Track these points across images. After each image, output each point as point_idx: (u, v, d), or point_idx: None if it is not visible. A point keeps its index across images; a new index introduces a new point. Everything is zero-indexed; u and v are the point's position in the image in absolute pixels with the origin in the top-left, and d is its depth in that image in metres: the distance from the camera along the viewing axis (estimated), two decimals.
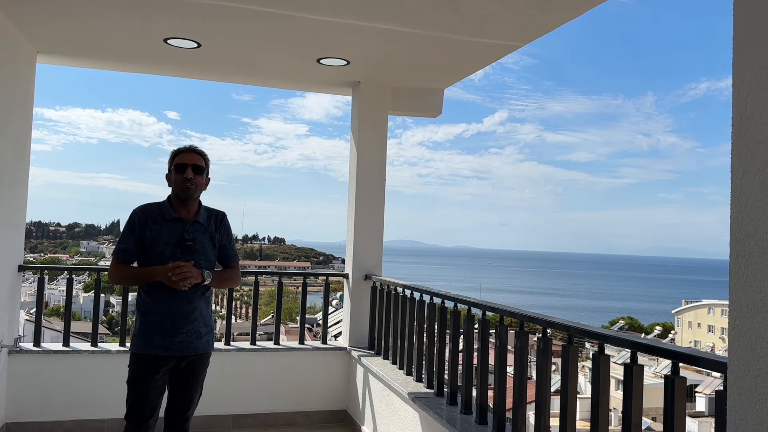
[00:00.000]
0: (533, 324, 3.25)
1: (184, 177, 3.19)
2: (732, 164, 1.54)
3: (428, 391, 4.31)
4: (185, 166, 3.20)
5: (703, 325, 58.33)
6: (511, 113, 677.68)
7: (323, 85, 5.99)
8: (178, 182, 3.21)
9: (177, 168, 3.22)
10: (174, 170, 3.23)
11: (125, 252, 3.22)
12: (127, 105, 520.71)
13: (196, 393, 3.31)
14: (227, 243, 3.41)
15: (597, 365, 2.67)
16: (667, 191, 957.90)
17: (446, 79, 5.70)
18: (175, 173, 3.22)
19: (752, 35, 1.50)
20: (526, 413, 3.29)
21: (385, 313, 5.27)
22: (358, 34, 4.47)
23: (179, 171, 3.21)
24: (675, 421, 2.24)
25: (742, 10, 1.53)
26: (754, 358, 1.46)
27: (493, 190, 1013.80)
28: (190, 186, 3.20)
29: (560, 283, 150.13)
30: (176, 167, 3.23)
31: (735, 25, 1.55)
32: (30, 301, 27.51)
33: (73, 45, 4.98)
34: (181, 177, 3.20)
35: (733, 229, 1.52)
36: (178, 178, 3.21)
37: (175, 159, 3.27)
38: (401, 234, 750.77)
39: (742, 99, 1.53)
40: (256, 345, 5.62)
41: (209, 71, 5.69)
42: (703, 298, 64.62)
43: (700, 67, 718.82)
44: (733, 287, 1.52)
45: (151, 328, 3.14)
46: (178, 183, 3.21)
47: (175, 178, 3.22)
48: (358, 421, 5.32)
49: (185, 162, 3.22)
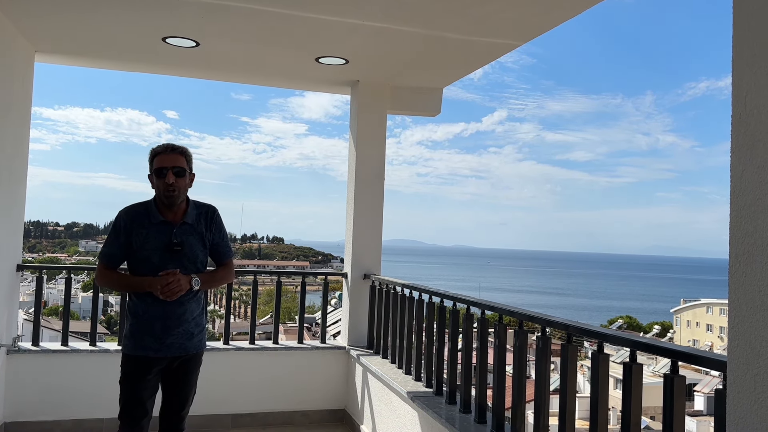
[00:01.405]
0: (532, 323, 3.25)
1: (165, 183, 3.04)
2: (731, 163, 1.54)
3: (427, 390, 4.31)
4: (165, 170, 3.03)
5: (701, 324, 58.39)
6: (510, 112, 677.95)
7: (322, 84, 5.98)
8: (161, 188, 3.06)
9: (157, 173, 3.06)
10: (154, 175, 3.08)
11: (111, 257, 3.15)
12: (126, 104, 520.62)
13: (191, 392, 3.29)
14: (219, 240, 3.29)
15: (596, 364, 2.67)
16: (665, 190, 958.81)
17: (445, 78, 5.70)
18: (156, 178, 3.07)
19: (752, 33, 1.50)
20: (525, 412, 3.30)
21: (384, 312, 5.26)
22: (357, 33, 4.46)
23: (159, 176, 3.05)
24: (674, 419, 2.24)
25: (741, 8, 1.53)
26: (754, 356, 1.45)
27: (492, 190, 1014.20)
28: (173, 191, 3.06)
29: (559, 283, 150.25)
30: (156, 172, 3.06)
31: (735, 23, 1.55)
32: (28, 300, 27.45)
33: (71, 44, 4.97)
34: (162, 182, 3.04)
35: (733, 228, 1.52)
36: (159, 184, 3.06)
37: (153, 161, 3.09)
38: (400, 233, 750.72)
39: (742, 97, 1.53)
40: (255, 344, 5.61)
41: (208, 70, 5.69)
42: (701, 297, 64.69)
43: (700, 66, 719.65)
44: (733, 286, 1.52)
45: (142, 330, 3.09)
46: (161, 189, 3.06)
47: (156, 183, 3.08)
48: (357, 420, 5.32)
49: (164, 165, 3.04)
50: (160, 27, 4.45)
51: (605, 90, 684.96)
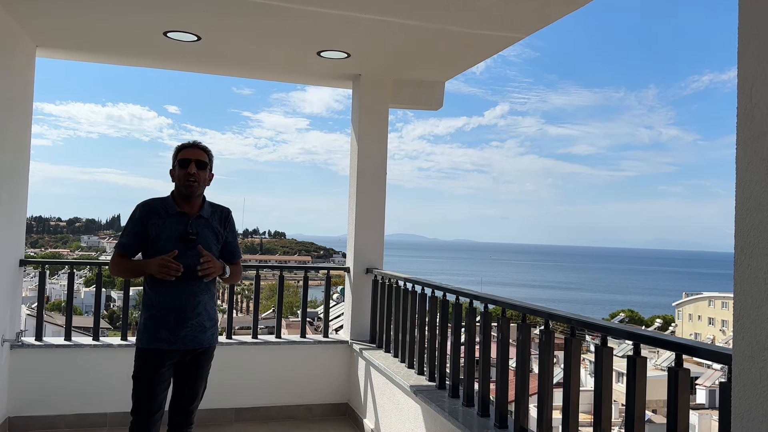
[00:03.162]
0: (535, 317, 3.25)
1: (187, 172, 3.19)
2: (737, 155, 1.53)
3: (430, 383, 4.31)
4: (188, 161, 3.20)
5: (703, 317, 58.40)
6: (513, 106, 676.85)
7: (324, 78, 5.97)
8: (182, 178, 3.20)
9: (180, 163, 3.22)
10: (177, 166, 3.23)
11: (126, 246, 3.23)
12: (127, 99, 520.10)
13: (201, 386, 3.32)
14: (232, 239, 3.42)
15: (600, 357, 2.67)
16: (668, 184, 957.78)
17: (447, 71, 5.68)
18: (178, 168, 3.22)
19: (757, 25, 1.49)
20: (528, 405, 3.30)
21: (387, 306, 5.27)
22: (359, 27, 4.45)
23: (182, 166, 3.21)
24: (678, 412, 2.23)
25: (747, 0, 1.52)
26: (759, 349, 1.45)
27: (494, 184, 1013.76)
28: (193, 182, 3.20)
29: (561, 277, 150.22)
30: (179, 162, 3.22)
31: (740, 15, 1.54)
32: (30, 296, 27.52)
33: (72, 38, 4.96)
34: (184, 172, 3.19)
35: (738, 221, 1.52)
36: (181, 174, 3.20)
37: (178, 155, 3.26)
38: (401, 228, 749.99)
39: (747, 89, 1.52)
40: (258, 339, 5.62)
41: (209, 65, 5.67)
42: (703, 290, 64.68)
43: (703, 59, 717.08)
44: (738, 279, 1.51)
45: (156, 322, 3.15)
46: (182, 178, 3.20)
47: (178, 174, 3.22)
48: (360, 414, 5.33)
49: (188, 157, 3.22)
50: (161, 21, 4.44)
51: (608, 83, 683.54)
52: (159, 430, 3.20)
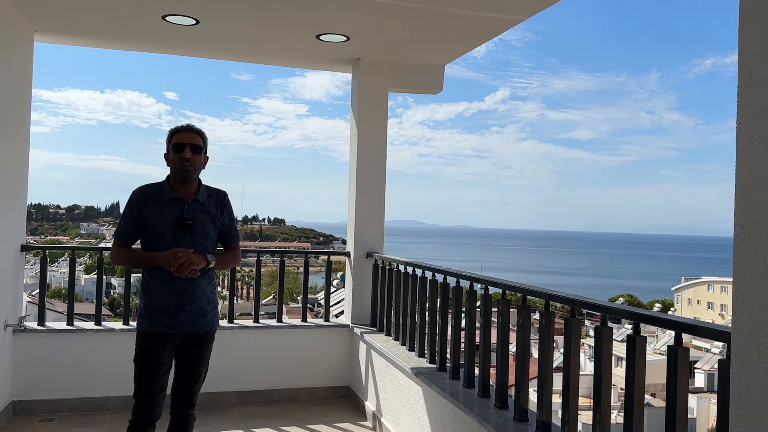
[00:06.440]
0: (535, 300, 3.26)
1: (181, 157, 3.16)
2: (737, 133, 1.54)
3: (431, 366, 4.34)
4: (183, 145, 3.17)
5: (702, 302, 58.60)
6: (513, 91, 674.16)
7: (323, 62, 5.94)
8: (176, 162, 3.18)
9: (174, 148, 3.19)
10: (172, 150, 3.21)
11: (125, 234, 3.22)
12: (126, 86, 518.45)
13: (203, 369, 3.34)
14: (229, 223, 3.40)
15: (600, 337, 2.68)
16: (668, 169, 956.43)
17: (447, 54, 5.66)
18: (173, 153, 3.19)
19: (758, 3, 1.49)
20: (528, 387, 3.32)
21: (387, 290, 5.29)
22: (358, 9, 4.42)
23: (177, 151, 3.18)
24: (678, 392, 2.25)
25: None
26: (758, 326, 1.46)
27: (494, 169, 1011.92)
28: (188, 166, 3.17)
29: (561, 262, 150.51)
30: (174, 147, 3.19)
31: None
32: (31, 283, 27.58)
33: (70, 22, 4.93)
34: (178, 157, 3.17)
35: (738, 199, 1.52)
36: (176, 158, 3.18)
37: (172, 138, 3.23)
38: (401, 214, 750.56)
39: (748, 68, 1.52)
40: (260, 323, 5.65)
41: (208, 49, 5.65)
42: (702, 275, 64.84)
43: (706, 42, 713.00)
44: (738, 256, 1.52)
45: (156, 307, 3.16)
46: (176, 163, 3.18)
47: (173, 158, 3.20)
48: (361, 396, 5.37)
49: (183, 141, 3.18)
50: (159, 4, 4.41)
51: (610, 68, 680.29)
52: (161, 413, 3.22)
